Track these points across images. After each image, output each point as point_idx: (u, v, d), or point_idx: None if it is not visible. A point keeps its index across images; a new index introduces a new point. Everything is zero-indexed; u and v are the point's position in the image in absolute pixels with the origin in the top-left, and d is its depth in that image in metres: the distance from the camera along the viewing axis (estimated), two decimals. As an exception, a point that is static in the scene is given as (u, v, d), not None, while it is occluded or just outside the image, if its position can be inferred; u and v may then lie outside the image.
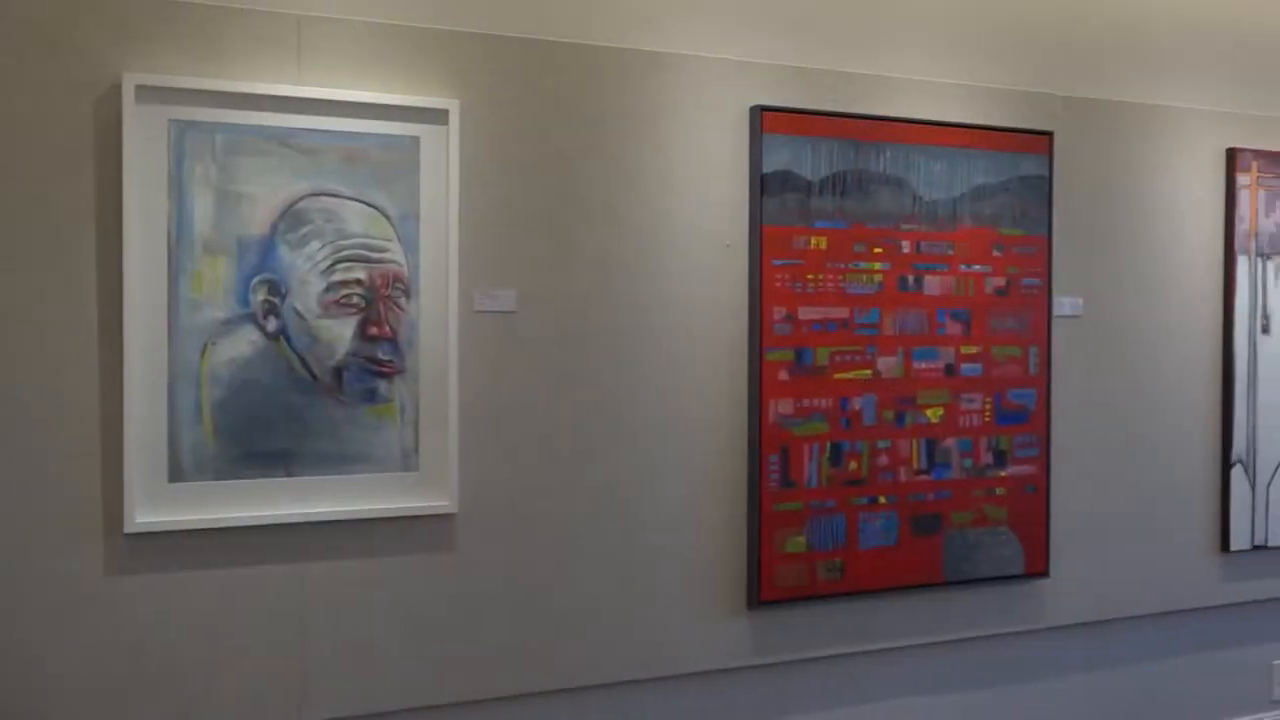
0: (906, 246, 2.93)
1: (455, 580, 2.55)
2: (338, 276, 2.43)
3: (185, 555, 2.34)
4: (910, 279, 2.94)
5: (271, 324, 2.38)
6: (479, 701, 2.60)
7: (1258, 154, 3.44)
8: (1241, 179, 3.42)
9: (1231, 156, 3.42)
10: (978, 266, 3.02)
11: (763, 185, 2.77)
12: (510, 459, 2.59)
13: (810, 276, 2.83)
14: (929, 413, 2.97)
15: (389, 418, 2.47)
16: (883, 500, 2.92)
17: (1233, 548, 3.43)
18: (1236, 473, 3.43)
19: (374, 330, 2.46)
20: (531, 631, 2.62)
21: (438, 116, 2.49)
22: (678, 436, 2.75)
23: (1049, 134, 3.10)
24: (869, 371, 2.90)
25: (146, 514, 2.30)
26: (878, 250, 2.90)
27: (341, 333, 2.43)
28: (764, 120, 2.77)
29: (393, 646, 2.50)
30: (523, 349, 2.60)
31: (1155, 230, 3.33)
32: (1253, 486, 3.45)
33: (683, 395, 2.75)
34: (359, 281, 2.44)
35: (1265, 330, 3.47)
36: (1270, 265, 3.47)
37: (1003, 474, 3.06)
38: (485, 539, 2.58)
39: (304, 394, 2.40)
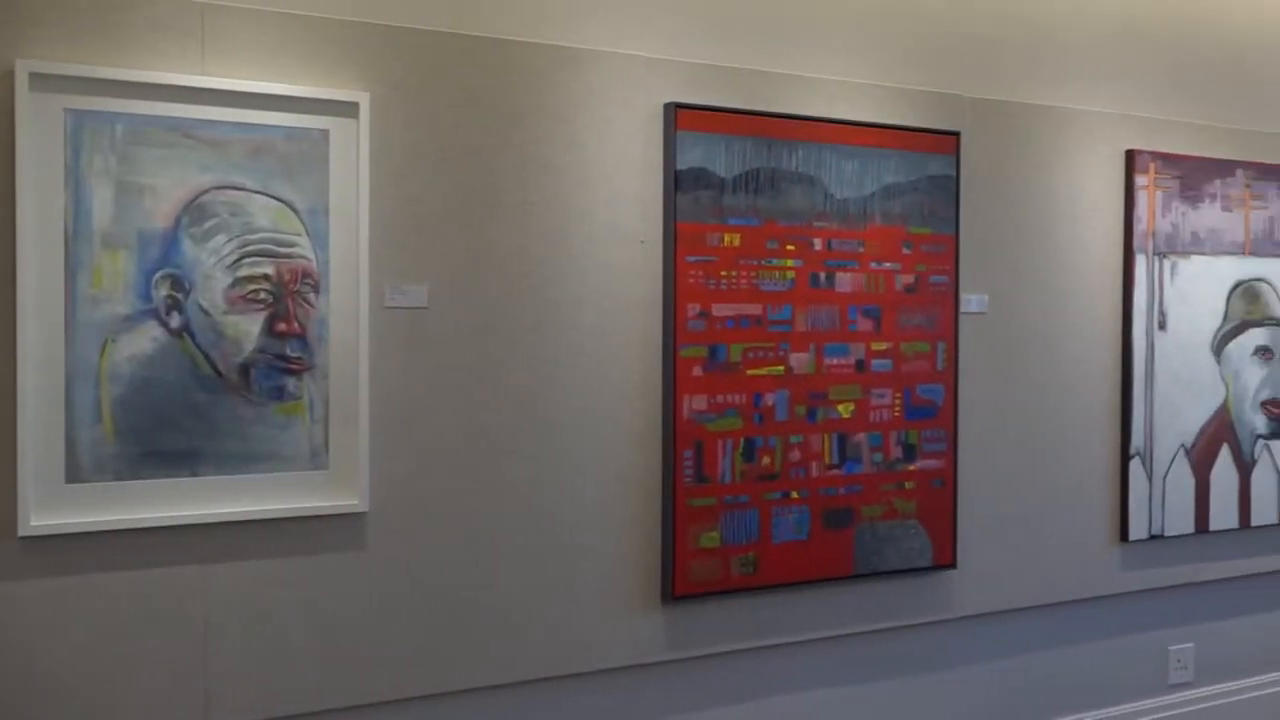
0: (818, 244, 2.97)
1: (366, 580, 2.52)
2: (244, 271, 2.38)
3: (84, 558, 2.27)
4: (822, 276, 2.98)
5: (175, 320, 2.32)
6: (391, 702, 2.57)
7: (1155, 155, 3.55)
8: (1140, 180, 3.52)
9: (1130, 158, 3.52)
10: (887, 264, 3.06)
11: (677, 182, 2.78)
12: (422, 457, 2.57)
13: (724, 273, 2.85)
14: (840, 408, 3.01)
15: (298, 415, 2.43)
16: (795, 495, 2.95)
17: (1131, 538, 3.54)
18: (1135, 465, 3.54)
19: (282, 326, 2.41)
20: (444, 630, 2.60)
21: (347, 109, 2.45)
22: (592, 433, 2.74)
23: (956, 134, 3.16)
24: (781, 368, 2.93)
25: (42, 516, 2.22)
26: (790, 247, 2.93)
27: (248, 329, 2.38)
28: (678, 118, 2.78)
29: (301, 648, 2.46)
30: (435, 345, 2.58)
31: (1058, 229, 3.41)
32: (1150, 478, 3.56)
33: (596, 392, 2.75)
34: (266, 277, 2.39)
35: (1162, 327, 3.58)
36: (1167, 264, 3.58)
37: (912, 468, 3.12)
38: (397, 538, 2.55)
39: (209, 392, 2.35)
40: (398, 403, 2.54)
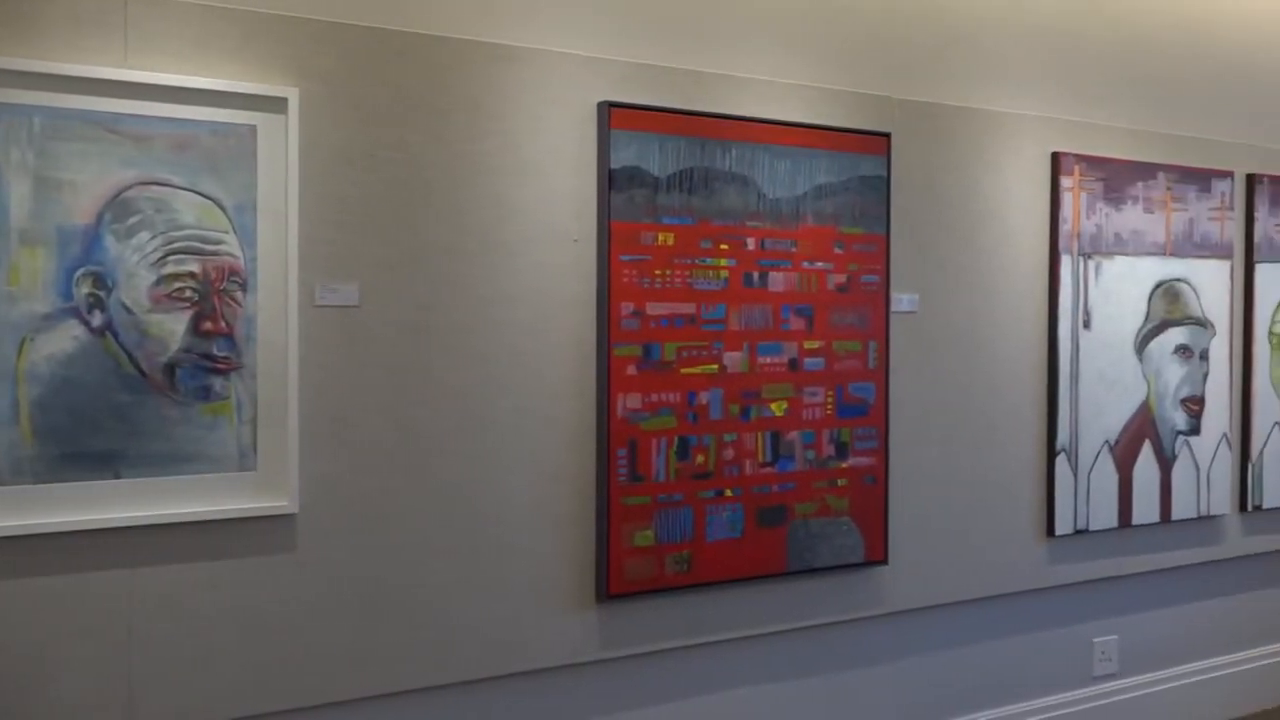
0: (751, 243, 2.98)
1: (296, 582, 2.48)
2: (169, 269, 2.33)
3: (0, 563, 2.21)
4: (755, 275, 2.99)
5: (97, 318, 2.27)
6: (322, 706, 2.53)
7: (1080, 158, 3.62)
8: (1065, 181, 3.60)
9: (1056, 160, 3.59)
10: (820, 264, 3.09)
11: (610, 181, 2.78)
12: (354, 457, 2.54)
13: (658, 272, 2.85)
14: (773, 406, 3.03)
15: (225, 416, 2.39)
16: (729, 493, 2.96)
17: (1057, 533, 3.61)
18: (1060, 461, 3.61)
19: (208, 325, 2.37)
20: (377, 632, 2.57)
21: (275, 105, 2.41)
22: (526, 432, 2.73)
23: (887, 135, 3.20)
24: (715, 366, 2.94)
25: (-42, 520, 2.16)
26: (724, 247, 2.94)
27: (173, 328, 2.34)
28: (612, 116, 2.78)
29: (230, 652, 2.42)
30: (366, 344, 2.55)
31: (986, 230, 3.47)
32: (1075, 474, 3.64)
33: (531, 391, 2.74)
34: (192, 274, 2.35)
35: (1086, 326, 3.65)
36: (1091, 264, 3.66)
37: (844, 465, 3.15)
38: (327, 539, 2.51)
39: (133, 392, 2.30)
40: (328, 402, 2.50)
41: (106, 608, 2.30)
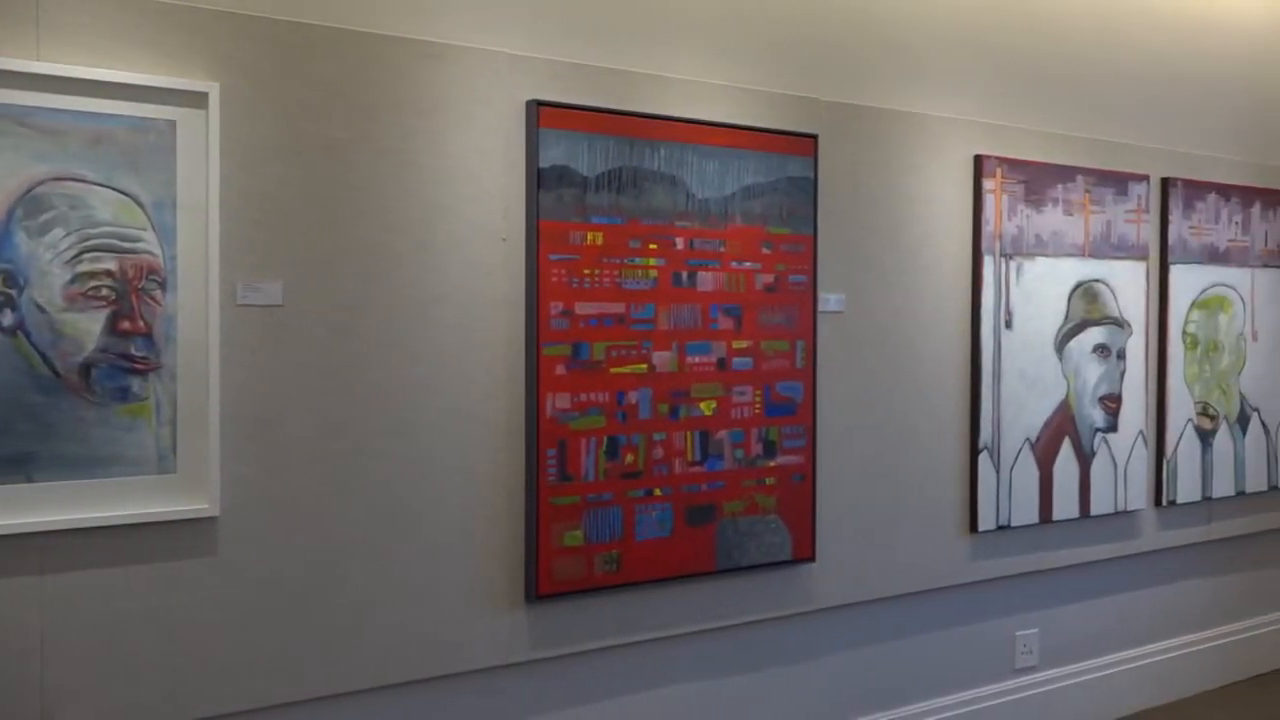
0: (680, 243, 2.99)
1: (218, 586, 2.43)
2: (84, 267, 2.27)
3: (-94, 571, 2.14)
4: (684, 275, 3.00)
5: (7, 318, 2.20)
6: (247, 712, 2.49)
7: (1001, 160, 3.69)
8: (987, 184, 3.66)
9: (978, 163, 3.65)
10: (748, 264, 3.11)
11: (539, 180, 2.77)
12: (277, 458, 2.49)
13: (587, 272, 2.85)
14: (702, 405, 3.04)
15: (143, 417, 2.33)
16: (658, 492, 2.97)
17: (980, 528, 3.67)
18: (983, 459, 3.67)
19: (126, 324, 2.31)
20: (302, 637, 2.53)
21: (196, 100, 2.36)
22: (454, 432, 2.71)
23: (814, 137, 3.23)
24: (644, 366, 2.94)
25: None
26: (653, 246, 2.95)
27: (89, 327, 2.28)
28: (540, 115, 2.77)
29: (148, 659, 2.36)
30: (291, 344, 2.51)
31: (910, 230, 3.52)
32: (997, 471, 3.70)
33: (459, 390, 2.71)
34: (109, 273, 2.29)
35: (1008, 325, 3.72)
36: (1013, 265, 3.73)
37: (772, 464, 3.17)
38: (251, 542, 2.47)
39: (46, 393, 2.23)
40: (251, 403, 2.46)
41: (17, 615, 2.24)
